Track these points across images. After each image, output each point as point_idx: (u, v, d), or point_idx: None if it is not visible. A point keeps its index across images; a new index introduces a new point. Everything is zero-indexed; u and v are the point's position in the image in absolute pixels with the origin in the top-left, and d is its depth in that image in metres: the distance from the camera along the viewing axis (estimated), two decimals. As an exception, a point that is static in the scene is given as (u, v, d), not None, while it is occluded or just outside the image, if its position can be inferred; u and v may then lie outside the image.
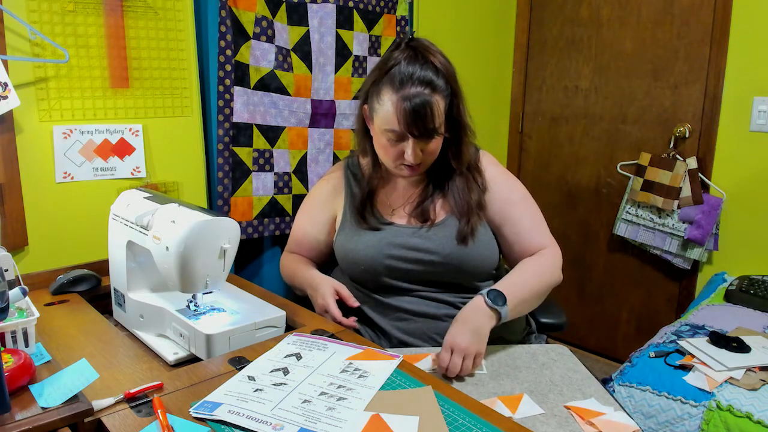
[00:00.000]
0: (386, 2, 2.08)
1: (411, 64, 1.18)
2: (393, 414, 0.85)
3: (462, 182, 1.31)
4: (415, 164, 1.24)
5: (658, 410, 1.51)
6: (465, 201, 1.29)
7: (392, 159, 1.25)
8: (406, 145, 1.20)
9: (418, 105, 1.15)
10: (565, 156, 2.77)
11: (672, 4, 2.37)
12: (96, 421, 0.83)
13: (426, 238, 1.28)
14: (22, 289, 0.91)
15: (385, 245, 1.29)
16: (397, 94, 1.17)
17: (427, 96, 1.16)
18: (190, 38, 1.69)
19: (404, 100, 1.16)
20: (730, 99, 2.26)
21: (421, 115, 1.16)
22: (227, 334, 1.05)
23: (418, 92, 1.16)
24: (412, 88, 1.16)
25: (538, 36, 2.79)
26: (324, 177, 1.48)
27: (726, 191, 2.29)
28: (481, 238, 1.29)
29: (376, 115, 1.23)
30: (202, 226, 1.03)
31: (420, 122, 1.17)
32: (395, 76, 1.18)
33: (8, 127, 1.41)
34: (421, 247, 1.28)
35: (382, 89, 1.20)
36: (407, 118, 1.17)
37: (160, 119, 1.66)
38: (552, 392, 1.07)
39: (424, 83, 1.17)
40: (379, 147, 1.27)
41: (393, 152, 1.23)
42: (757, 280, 2.06)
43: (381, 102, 1.21)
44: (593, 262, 2.74)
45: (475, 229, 1.28)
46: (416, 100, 1.15)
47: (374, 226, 1.32)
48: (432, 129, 1.19)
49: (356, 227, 1.34)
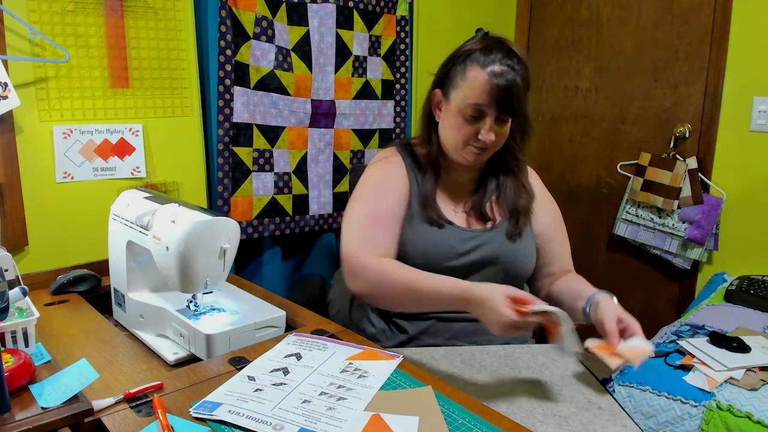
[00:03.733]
0: (386, 2, 2.08)
1: (495, 49, 1.20)
2: (393, 414, 0.85)
3: (513, 185, 1.35)
4: (487, 144, 1.23)
5: (658, 410, 1.51)
6: (516, 202, 1.33)
7: (464, 138, 1.23)
8: (483, 123, 1.21)
9: (509, 80, 1.18)
10: (565, 156, 2.77)
11: (672, 4, 2.36)
12: (96, 421, 0.83)
13: (484, 242, 1.30)
14: (22, 289, 0.91)
15: (446, 249, 1.28)
16: (487, 70, 1.18)
17: (516, 75, 1.19)
18: (190, 38, 1.69)
19: (494, 75, 1.18)
20: (730, 99, 2.25)
21: (511, 91, 1.18)
22: (227, 334, 1.05)
23: (507, 70, 1.18)
24: (500, 66, 1.18)
25: (538, 36, 2.78)
26: (382, 159, 1.37)
27: (726, 191, 2.29)
28: (527, 239, 1.33)
29: (456, 92, 1.23)
30: (202, 226, 1.03)
31: (507, 98, 1.18)
32: (482, 57, 1.20)
33: (8, 127, 1.41)
34: (477, 248, 1.29)
35: (467, 67, 1.21)
36: (497, 91, 1.18)
37: (160, 119, 1.66)
38: (551, 392, 1.07)
39: (510, 66, 1.19)
40: (450, 128, 1.26)
41: (467, 131, 1.22)
42: (757, 280, 2.06)
43: (466, 77, 1.21)
44: (593, 262, 2.74)
45: (523, 230, 1.32)
46: (508, 76, 1.18)
47: (437, 222, 1.30)
48: (516, 108, 1.21)
49: (419, 218, 1.30)
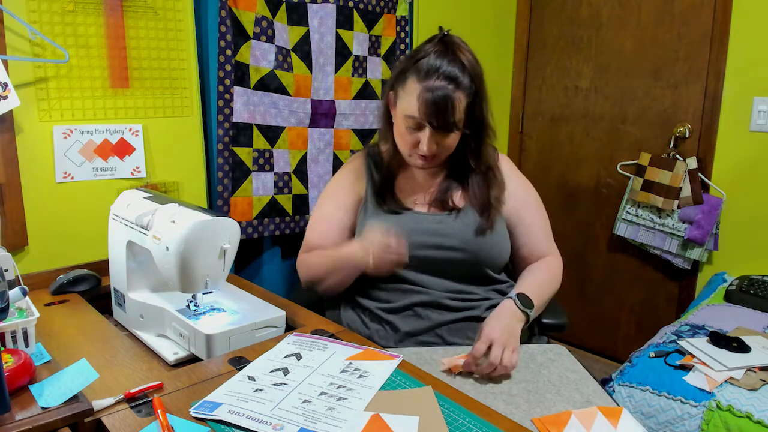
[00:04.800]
0: (386, 2, 2.08)
1: (439, 58, 1.21)
2: (393, 414, 0.85)
3: (481, 179, 1.35)
4: (428, 155, 1.26)
5: (658, 410, 1.51)
6: (484, 196, 1.33)
7: (408, 147, 1.28)
8: (423, 134, 1.24)
9: (440, 97, 1.19)
10: (565, 156, 2.77)
11: (672, 4, 2.36)
12: (96, 421, 0.83)
13: (446, 224, 1.31)
14: (22, 289, 0.91)
15: (406, 231, 1.29)
16: (421, 84, 1.20)
17: (450, 91, 1.19)
18: (190, 38, 1.69)
19: (427, 90, 1.19)
20: (730, 99, 2.25)
21: (441, 108, 1.19)
22: (227, 334, 1.05)
23: (441, 85, 1.19)
24: (436, 80, 1.19)
25: (538, 36, 2.78)
26: (345, 165, 1.48)
27: (726, 191, 2.29)
28: (498, 230, 1.33)
29: (399, 101, 1.27)
30: (202, 226, 1.03)
31: (439, 114, 1.20)
32: (422, 66, 1.21)
33: (8, 127, 1.41)
34: (441, 233, 1.30)
35: (408, 77, 1.24)
36: (427, 108, 1.20)
37: (160, 119, 1.66)
38: (549, 392, 1.07)
39: (448, 78, 1.20)
40: (397, 133, 1.31)
41: (409, 140, 1.27)
42: (757, 280, 2.06)
43: (405, 89, 1.24)
44: (593, 262, 2.74)
45: (494, 222, 1.32)
46: (438, 93, 1.19)
47: (394, 210, 1.34)
48: (450, 123, 1.22)
49: (377, 210, 1.35)
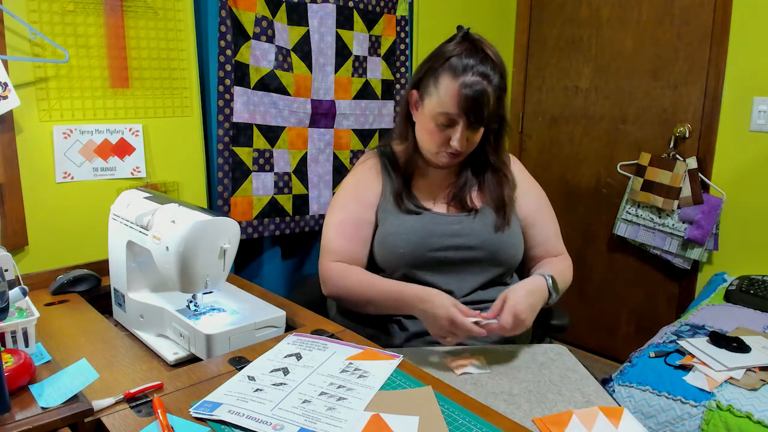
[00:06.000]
0: (386, 2, 2.08)
1: (471, 56, 1.23)
2: (393, 414, 0.85)
3: (495, 177, 1.37)
4: (459, 151, 1.27)
5: (658, 410, 1.51)
6: (500, 194, 1.35)
7: (437, 144, 1.28)
8: (454, 131, 1.24)
9: (478, 92, 1.21)
10: (565, 156, 2.77)
11: (672, 4, 2.37)
12: (96, 421, 0.83)
13: (465, 225, 1.32)
14: (22, 289, 0.91)
15: (427, 233, 1.30)
16: (458, 80, 1.21)
17: (485, 86, 1.22)
18: (190, 38, 1.69)
19: (464, 86, 1.21)
20: (730, 99, 2.25)
21: (479, 103, 1.21)
22: (227, 334, 1.05)
23: (477, 81, 1.21)
24: (472, 76, 1.21)
25: (538, 36, 2.78)
26: (360, 165, 1.44)
27: (726, 191, 2.29)
28: (514, 228, 1.35)
29: (429, 98, 1.26)
30: (202, 226, 1.03)
31: (476, 109, 1.22)
32: (456, 64, 1.23)
33: (8, 127, 1.41)
34: (461, 233, 1.31)
35: (440, 75, 1.24)
36: (466, 103, 1.21)
37: (160, 119, 1.66)
38: (550, 392, 1.07)
39: (482, 74, 1.22)
40: (424, 132, 1.30)
41: (439, 138, 1.27)
42: (757, 280, 2.06)
43: (438, 86, 1.24)
44: (593, 262, 2.74)
45: (510, 220, 1.34)
46: (477, 87, 1.21)
47: (413, 211, 1.34)
48: (485, 118, 1.24)
49: (395, 211, 1.34)
